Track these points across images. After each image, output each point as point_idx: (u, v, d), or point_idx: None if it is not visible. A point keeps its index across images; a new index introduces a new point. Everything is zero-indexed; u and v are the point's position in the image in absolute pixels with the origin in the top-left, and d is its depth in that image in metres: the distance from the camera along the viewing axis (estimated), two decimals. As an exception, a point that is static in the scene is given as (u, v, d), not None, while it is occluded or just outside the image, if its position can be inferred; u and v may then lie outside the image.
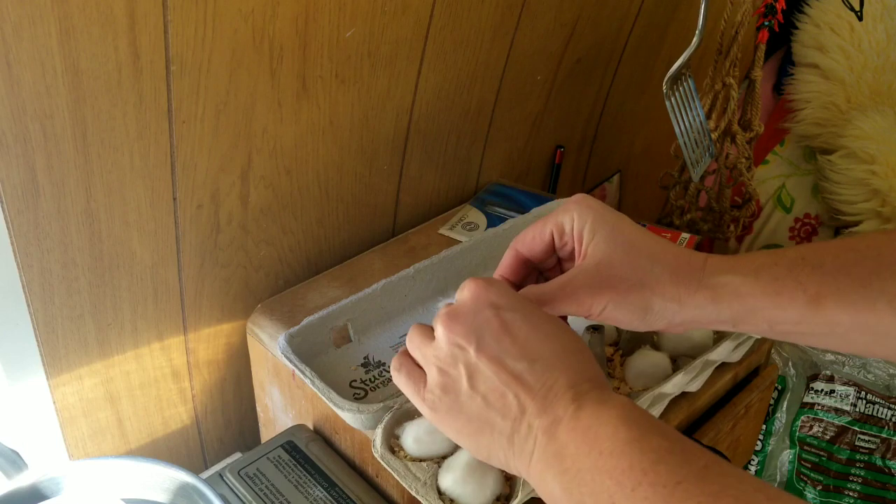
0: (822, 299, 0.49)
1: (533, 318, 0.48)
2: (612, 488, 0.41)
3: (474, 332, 0.47)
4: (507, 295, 0.49)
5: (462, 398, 0.48)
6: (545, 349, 0.47)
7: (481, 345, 0.47)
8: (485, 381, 0.47)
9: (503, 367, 0.46)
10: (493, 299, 0.49)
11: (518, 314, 0.48)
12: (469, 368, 0.47)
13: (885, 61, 1.14)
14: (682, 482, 0.40)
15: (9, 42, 0.53)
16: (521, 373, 0.46)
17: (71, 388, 0.71)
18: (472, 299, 0.49)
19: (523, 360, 0.46)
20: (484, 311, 0.48)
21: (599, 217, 0.54)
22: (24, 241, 0.61)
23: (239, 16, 0.64)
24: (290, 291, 0.80)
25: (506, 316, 0.48)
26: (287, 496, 0.66)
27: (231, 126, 0.69)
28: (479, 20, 0.85)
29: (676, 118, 0.89)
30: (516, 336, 0.47)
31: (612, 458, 0.42)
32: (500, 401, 0.46)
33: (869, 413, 1.01)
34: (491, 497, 0.57)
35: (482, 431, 0.47)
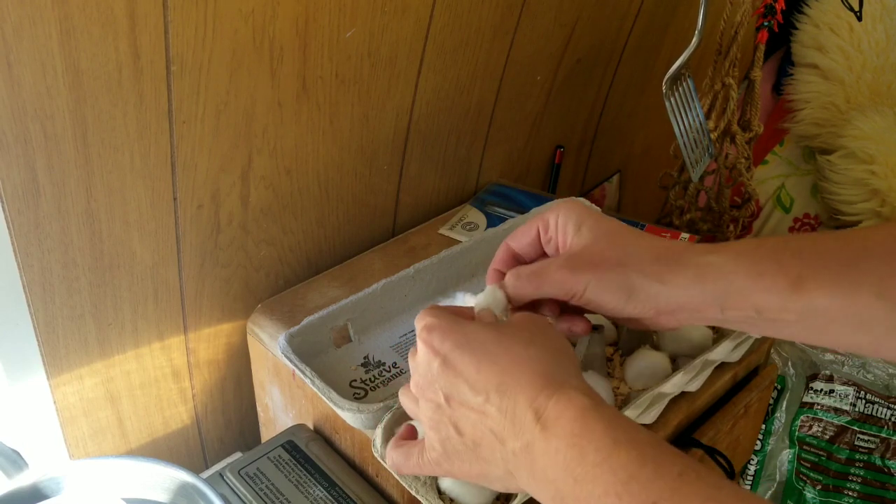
0: (803, 282, 0.48)
1: (476, 346, 0.49)
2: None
3: (437, 385, 0.49)
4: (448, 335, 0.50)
5: (458, 446, 0.49)
6: (495, 374, 0.47)
7: (447, 396, 0.49)
8: (464, 425, 0.48)
9: (469, 406, 0.48)
10: (437, 346, 0.50)
11: (462, 350, 0.49)
12: (451, 420, 0.49)
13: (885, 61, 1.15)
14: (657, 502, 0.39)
15: (9, 42, 0.53)
16: (482, 407, 0.47)
17: (71, 388, 0.71)
18: (423, 355, 0.50)
19: (479, 395, 0.47)
20: (433, 362, 0.49)
21: (584, 213, 0.55)
22: (25, 241, 0.62)
23: (239, 16, 0.64)
24: (290, 291, 0.80)
25: (452, 358, 0.49)
26: (287, 496, 0.66)
27: (231, 126, 0.69)
28: (479, 20, 0.85)
29: (676, 118, 0.89)
30: (467, 374, 0.48)
31: (586, 483, 0.42)
32: (484, 439, 0.47)
33: (868, 413, 1.01)
34: (491, 497, 0.57)
35: (487, 471, 0.48)
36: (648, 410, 0.65)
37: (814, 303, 0.48)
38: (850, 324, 0.48)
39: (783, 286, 0.49)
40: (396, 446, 0.55)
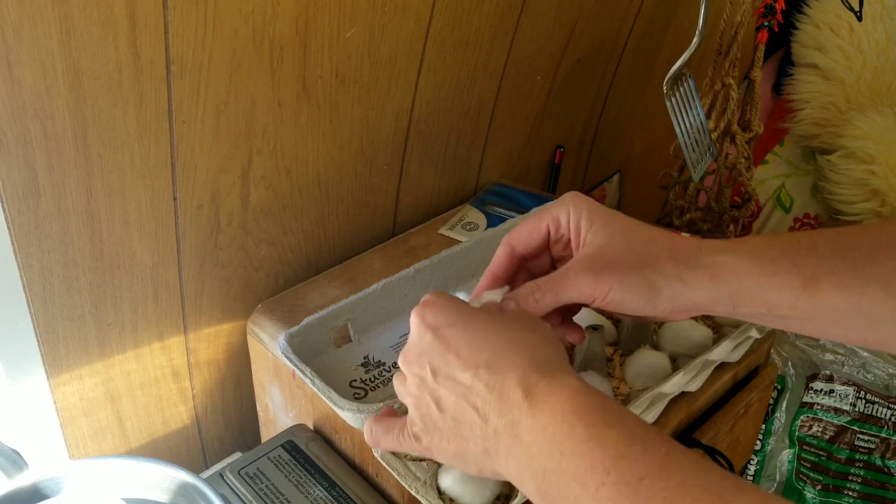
0: (816, 281, 0.49)
1: (470, 325, 0.49)
2: (578, 490, 0.41)
3: (425, 359, 0.49)
4: (442, 311, 0.50)
5: (438, 423, 0.49)
6: (487, 351, 0.48)
7: (433, 368, 0.49)
8: (446, 400, 0.48)
9: (454, 381, 0.48)
10: (431, 321, 0.50)
11: (455, 327, 0.49)
12: (433, 394, 0.49)
13: (885, 61, 1.15)
14: (644, 477, 0.39)
15: (9, 42, 0.53)
16: (470, 382, 0.47)
17: (71, 388, 0.71)
18: (415, 329, 0.51)
19: (469, 370, 0.47)
20: (425, 336, 0.50)
21: (594, 208, 0.55)
22: (25, 241, 0.62)
23: (239, 16, 0.64)
24: (290, 291, 0.80)
25: (444, 333, 0.49)
26: (287, 496, 0.66)
27: (231, 126, 0.69)
28: (479, 20, 0.85)
29: (676, 118, 0.89)
30: (459, 349, 0.48)
31: (573, 458, 0.42)
32: (464, 415, 0.47)
33: (868, 413, 1.01)
34: (491, 497, 0.57)
35: (464, 449, 0.48)
36: (648, 410, 0.65)
37: (825, 301, 0.49)
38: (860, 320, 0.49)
39: (796, 285, 0.50)
40: (376, 421, 0.55)
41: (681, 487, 0.38)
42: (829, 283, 0.49)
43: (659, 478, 0.39)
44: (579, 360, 0.67)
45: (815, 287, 0.49)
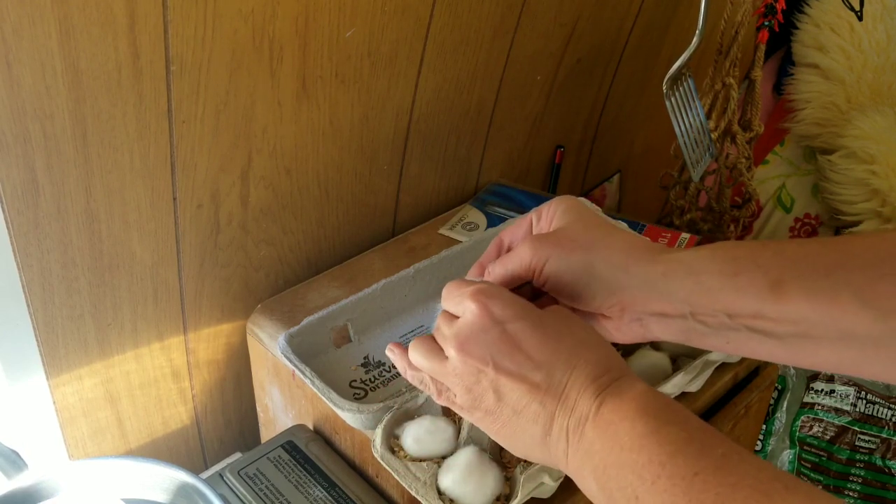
0: (783, 285, 0.45)
1: (539, 324, 0.48)
2: (635, 482, 0.42)
3: (488, 354, 0.48)
4: (507, 305, 0.48)
5: (491, 408, 0.49)
6: (558, 352, 0.47)
7: (498, 364, 0.47)
8: (509, 394, 0.47)
9: (523, 380, 0.47)
10: (497, 314, 0.48)
11: (523, 322, 0.48)
12: (493, 385, 0.48)
13: (885, 61, 1.14)
14: (699, 473, 0.40)
15: (9, 42, 0.53)
16: (540, 382, 0.47)
17: (71, 388, 0.71)
18: (477, 318, 0.48)
19: (540, 370, 0.47)
20: (491, 329, 0.48)
21: (576, 205, 0.56)
22: (24, 241, 0.61)
23: (239, 16, 0.64)
24: (290, 291, 0.80)
25: (512, 329, 0.48)
26: (287, 496, 0.66)
27: (231, 126, 0.69)
28: (479, 20, 0.85)
29: (676, 118, 0.89)
30: (527, 347, 0.47)
31: (632, 452, 0.42)
32: (528, 409, 0.47)
33: (869, 413, 1.01)
34: (491, 497, 0.57)
35: (516, 436, 0.49)
36: (649, 411, 0.65)
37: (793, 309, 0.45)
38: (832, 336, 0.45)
39: (761, 287, 0.46)
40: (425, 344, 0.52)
41: (733, 487, 0.39)
42: (797, 287, 0.45)
43: (713, 475, 0.39)
44: None
45: (782, 291, 0.45)
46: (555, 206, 0.56)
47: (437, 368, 0.51)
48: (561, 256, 0.51)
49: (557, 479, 0.59)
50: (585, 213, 0.55)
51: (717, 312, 0.48)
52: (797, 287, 0.45)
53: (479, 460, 0.58)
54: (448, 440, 0.61)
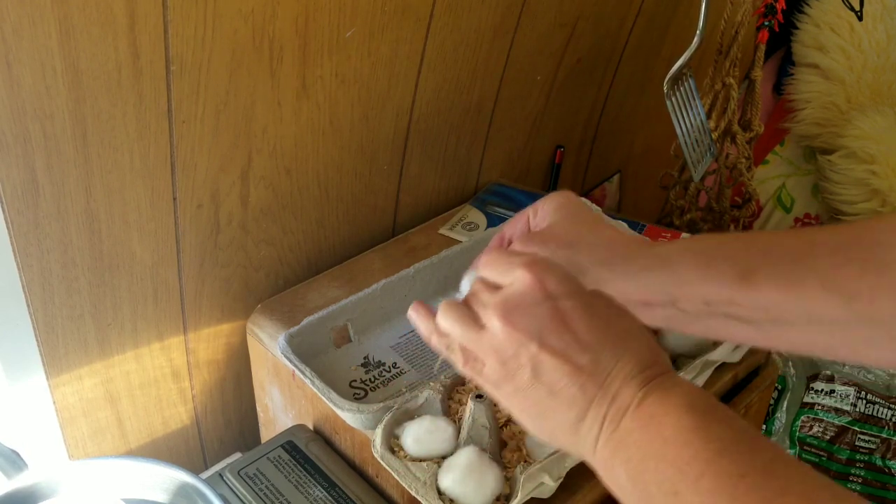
0: (752, 273, 0.48)
1: (591, 305, 0.47)
2: (676, 477, 0.41)
3: (535, 327, 0.46)
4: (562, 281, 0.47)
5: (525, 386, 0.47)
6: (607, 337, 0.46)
7: (544, 341, 0.46)
8: (548, 373, 0.46)
9: (568, 360, 0.45)
10: (551, 288, 0.47)
11: (575, 301, 0.46)
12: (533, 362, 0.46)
13: (885, 61, 1.14)
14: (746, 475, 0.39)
15: (9, 42, 0.53)
16: (585, 365, 0.45)
17: (71, 388, 0.71)
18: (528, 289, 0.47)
19: (587, 353, 0.45)
20: (542, 303, 0.46)
21: (569, 202, 0.57)
22: (24, 241, 0.61)
23: (239, 16, 0.64)
24: (290, 291, 0.80)
25: (564, 306, 0.46)
26: (287, 496, 0.66)
27: (231, 126, 0.69)
28: (479, 20, 0.85)
29: (677, 118, 0.89)
30: (577, 328, 0.46)
31: (676, 446, 0.42)
32: (565, 391, 0.46)
33: (869, 413, 1.01)
34: (491, 497, 0.57)
35: (545, 416, 0.47)
36: (649, 411, 0.65)
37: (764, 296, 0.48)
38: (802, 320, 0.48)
39: (731, 277, 0.49)
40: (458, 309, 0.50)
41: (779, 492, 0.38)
42: (764, 276, 0.48)
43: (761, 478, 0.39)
44: None
45: (751, 279, 0.48)
46: (548, 202, 0.58)
47: (472, 336, 0.48)
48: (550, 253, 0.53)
49: (557, 480, 0.59)
50: (575, 209, 0.56)
51: (695, 301, 0.51)
52: (765, 276, 0.48)
53: (478, 460, 0.58)
54: (448, 440, 0.61)
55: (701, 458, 0.40)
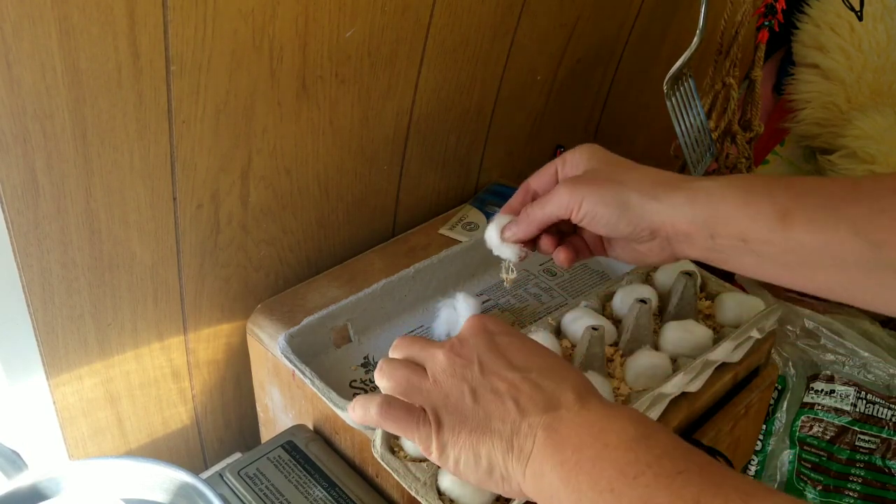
0: (790, 214, 0.51)
1: (525, 341, 0.53)
2: (613, 476, 0.42)
3: (474, 354, 0.52)
4: (499, 323, 0.54)
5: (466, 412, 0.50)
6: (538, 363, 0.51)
7: (481, 363, 0.51)
8: (485, 394, 0.50)
9: (501, 377, 0.50)
10: (489, 327, 0.53)
11: (511, 337, 0.53)
12: (471, 384, 0.50)
13: (886, 61, 1.14)
14: (683, 472, 0.41)
15: (9, 42, 0.53)
16: (517, 381, 0.49)
17: (71, 388, 0.71)
18: (469, 329, 0.54)
19: (519, 371, 0.50)
20: (480, 336, 0.53)
21: (598, 150, 0.61)
22: (24, 241, 0.61)
23: (239, 16, 0.64)
24: (290, 291, 0.80)
25: (499, 339, 0.53)
26: (287, 496, 0.66)
27: (231, 126, 0.69)
28: (479, 20, 0.85)
29: (677, 118, 0.89)
30: (511, 354, 0.51)
31: (618, 450, 0.43)
32: (500, 407, 0.49)
33: (869, 413, 1.01)
34: (491, 497, 0.57)
35: (482, 441, 0.49)
36: (649, 411, 0.65)
37: (796, 236, 0.51)
38: (827, 261, 0.50)
39: (769, 215, 0.51)
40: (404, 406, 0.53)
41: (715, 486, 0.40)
42: (801, 219, 0.50)
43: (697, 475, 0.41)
44: (579, 360, 0.67)
45: (789, 220, 0.51)
46: (579, 153, 0.61)
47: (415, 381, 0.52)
48: (596, 193, 0.57)
49: (557, 479, 0.59)
50: (609, 156, 0.61)
51: (732, 237, 0.53)
52: (801, 218, 0.50)
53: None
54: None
55: (642, 461, 0.42)
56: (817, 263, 0.51)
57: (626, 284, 0.77)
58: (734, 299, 0.75)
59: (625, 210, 0.56)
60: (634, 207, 0.56)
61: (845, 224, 0.49)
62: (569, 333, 0.72)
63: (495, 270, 0.82)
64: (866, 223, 0.49)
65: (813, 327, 1.00)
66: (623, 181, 0.57)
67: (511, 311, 0.79)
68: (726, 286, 0.78)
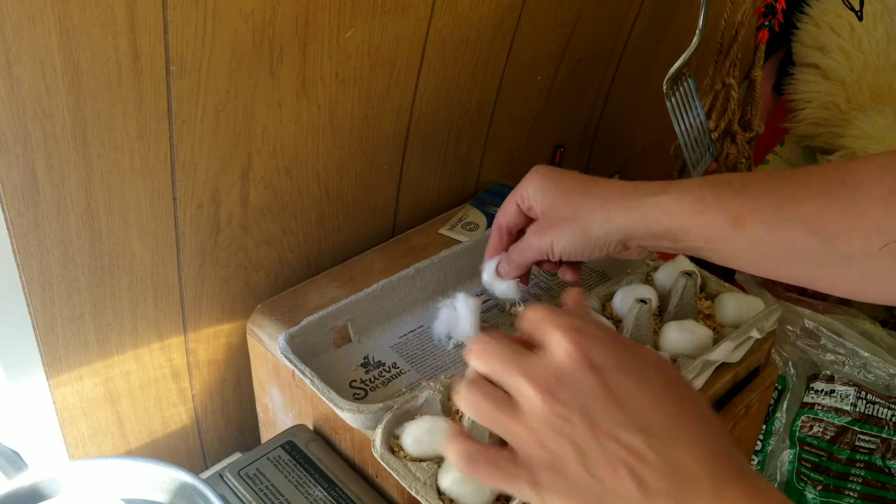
0: (742, 220, 0.54)
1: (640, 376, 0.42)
2: None
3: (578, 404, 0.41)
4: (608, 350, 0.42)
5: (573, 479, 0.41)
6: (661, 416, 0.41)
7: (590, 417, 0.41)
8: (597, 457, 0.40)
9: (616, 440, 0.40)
10: (594, 359, 0.42)
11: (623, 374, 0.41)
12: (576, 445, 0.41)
13: (886, 61, 1.14)
14: None
15: (9, 42, 0.53)
16: (636, 447, 0.40)
17: (71, 388, 0.71)
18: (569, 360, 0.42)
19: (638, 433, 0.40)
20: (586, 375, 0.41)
21: (545, 178, 0.64)
22: (24, 242, 0.61)
23: (239, 16, 0.64)
24: (290, 291, 0.80)
25: (610, 380, 0.41)
26: (287, 496, 0.66)
27: (231, 126, 0.69)
28: (479, 20, 0.85)
29: (677, 118, 0.89)
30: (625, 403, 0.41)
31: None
32: (618, 482, 0.40)
33: (869, 413, 1.01)
34: (491, 497, 0.57)
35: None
36: (649, 411, 0.65)
37: (752, 237, 0.54)
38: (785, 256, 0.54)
39: (723, 222, 0.54)
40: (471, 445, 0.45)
41: None
42: (753, 221, 0.53)
43: None
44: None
45: (741, 224, 0.53)
46: (531, 187, 0.65)
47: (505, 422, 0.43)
48: (560, 235, 0.62)
49: (557, 479, 0.59)
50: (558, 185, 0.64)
51: (695, 241, 0.57)
52: (753, 221, 0.53)
53: (479, 460, 0.58)
54: (448, 440, 0.61)
55: None
56: (776, 259, 0.54)
57: (626, 284, 0.77)
58: (734, 299, 0.75)
59: (589, 239, 0.61)
60: (597, 237, 0.61)
61: (796, 222, 0.52)
62: (569, 333, 0.72)
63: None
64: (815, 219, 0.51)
65: (813, 327, 1.00)
66: (577, 216, 0.61)
67: (511, 311, 0.79)
68: (726, 286, 0.78)
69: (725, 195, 0.55)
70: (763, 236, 0.53)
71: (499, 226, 0.69)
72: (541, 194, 0.64)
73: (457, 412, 0.65)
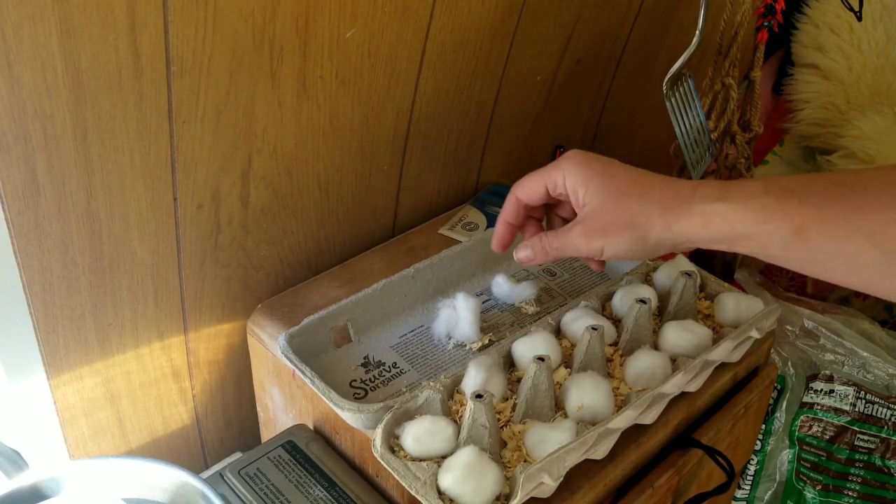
0: (805, 230, 0.53)
1: None
2: None
3: None
4: None
5: None
6: None
7: None
8: None
9: None
10: None
11: None
12: None
13: (885, 62, 1.14)
14: None
15: (9, 42, 0.53)
16: None
17: (71, 388, 0.71)
18: None
19: None
20: None
21: (589, 170, 0.61)
22: (25, 242, 0.62)
23: (239, 16, 0.64)
24: (290, 291, 0.80)
25: None
26: (287, 496, 0.66)
27: (231, 126, 0.69)
28: (479, 20, 0.85)
29: (676, 118, 0.89)
30: None
31: None
32: None
33: (868, 413, 1.01)
34: (491, 497, 0.57)
35: None
36: (648, 411, 0.65)
37: (813, 247, 0.53)
38: (845, 265, 0.53)
39: (787, 232, 0.54)
40: None
41: None
42: (817, 232, 0.53)
43: None
44: (579, 361, 0.67)
45: (804, 235, 0.53)
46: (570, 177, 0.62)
47: None
48: (614, 242, 0.60)
49: (557, 479, 0.59)
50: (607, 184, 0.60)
51: (751, 247, 0.56)
52: (817, 232, 0.53)
53: (478, 460, 0.58)
54: (448, 440, 0.61)
55: None
56: (835, 267, 0.54)
57: (625, 284, 0.77)
58: (733, 299, 0.75)
59: (644, 245, 0.59)
60: (653, 242, 0.59)
61: (861, 235, 0.51)
62: (568, 333, 0.72)
63: (495, 270, 0.83)
64: (880, 232, 0.51)
65: (812, 327, 1.01)
66: (635, 223, 0.59)
67: (511, 311, 0.79)
68: (726, 286, 0.78)
69: (790, 204, 0.54)
70: (825, 247, 0.53)
71: (517, 199, 0.66)
72: (583, 189, 0.61)
73: (457, 412, 0.65)
